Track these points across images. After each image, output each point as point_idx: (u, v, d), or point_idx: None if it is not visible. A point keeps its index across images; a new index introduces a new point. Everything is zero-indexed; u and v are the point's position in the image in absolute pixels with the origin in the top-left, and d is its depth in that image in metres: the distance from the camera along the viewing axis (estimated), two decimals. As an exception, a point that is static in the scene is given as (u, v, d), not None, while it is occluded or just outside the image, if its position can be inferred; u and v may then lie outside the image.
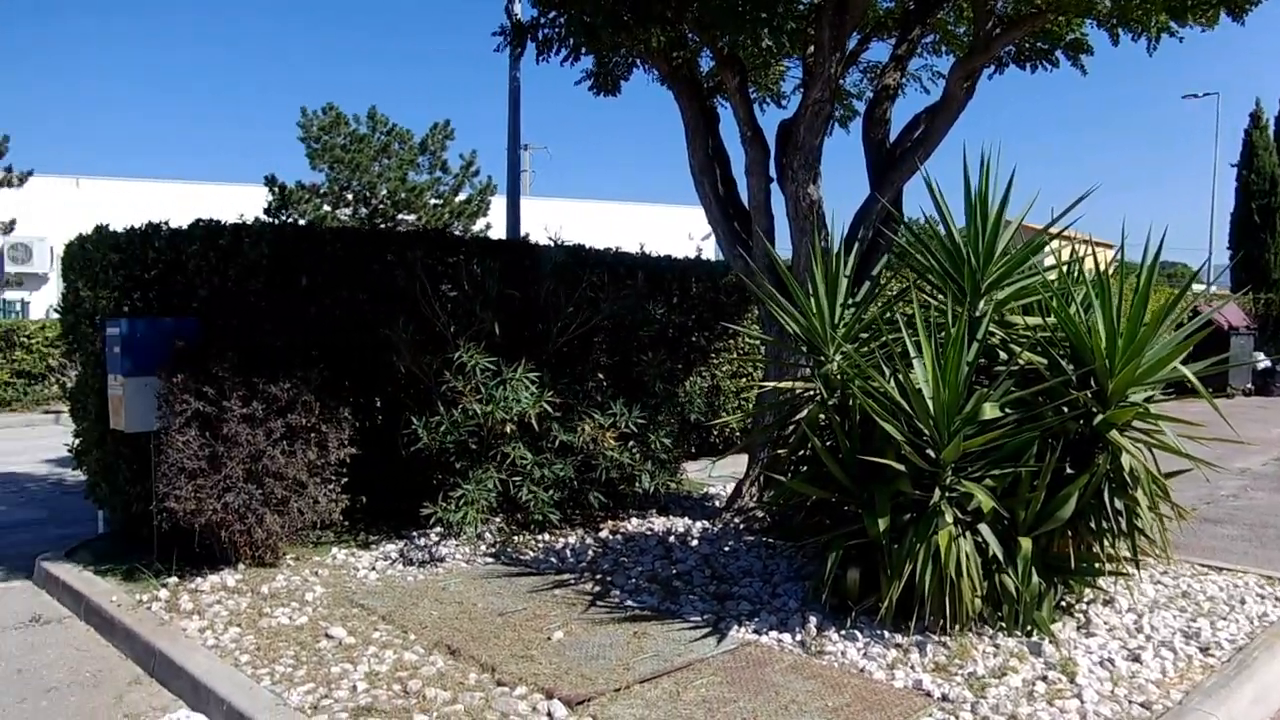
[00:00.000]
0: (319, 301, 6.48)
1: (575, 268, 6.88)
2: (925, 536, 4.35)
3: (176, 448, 5.37)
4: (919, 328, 4.50)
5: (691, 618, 4.93)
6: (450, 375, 6.02)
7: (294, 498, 5.65)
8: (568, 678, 4.13)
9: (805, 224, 6.24)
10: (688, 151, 6.92)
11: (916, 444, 4.43)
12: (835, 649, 4.45)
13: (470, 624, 4.84)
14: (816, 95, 6.12)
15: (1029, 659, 4.28)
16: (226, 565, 5.75)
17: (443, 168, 21.07)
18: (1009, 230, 5.07)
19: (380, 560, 6.02)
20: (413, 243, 6.91)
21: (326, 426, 5.76)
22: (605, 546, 6.29)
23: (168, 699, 4.36)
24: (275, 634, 4.74)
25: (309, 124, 19.65)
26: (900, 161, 6.68)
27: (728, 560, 5.95)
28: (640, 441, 6.44)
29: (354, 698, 3.97)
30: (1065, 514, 4.43)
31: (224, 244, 6.18)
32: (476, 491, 5.88)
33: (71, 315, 6.95)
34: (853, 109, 8.70)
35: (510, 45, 6.94)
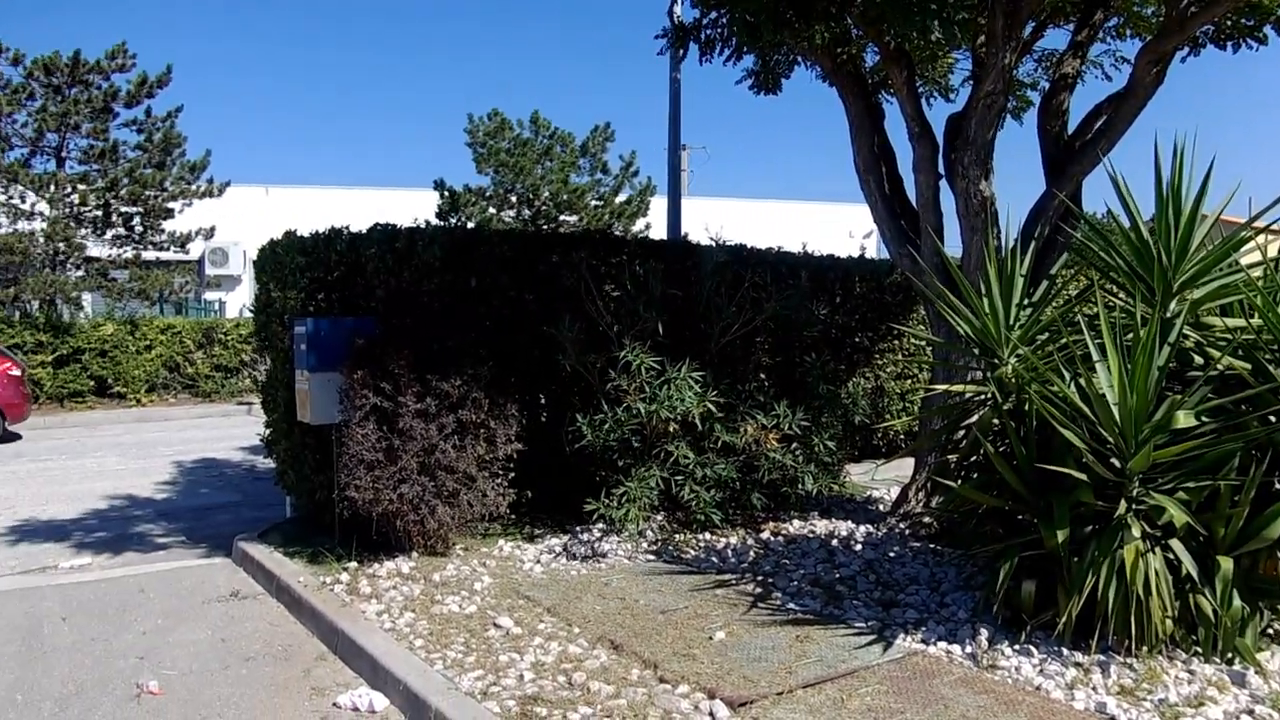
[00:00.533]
0: (488, 301, 6.70)
1: (737, 267, 6.85)
2: (1109, 550, 4.10)
3: (356, 440, 5.66)
4: (1103, 329, 4.25)
5: (856, 624, 4.82)
6: (615, 374, 6.11)
7: (464, 490, 5.86)
8: (730, 678, 4.11)
9: (976, 221, 6.00)
10: (852, 149, 6.78)
11: (1100, 452, 4.18)
12: (1008, 664, 4.26)
13: (632, 620, 4.90)
14: (989, 87, 5.87)
15: (1230, 689, 3.97)
16: (401, 553, 6.03)
17: (603, 169, 21.47)
18: (1205, 224, 4.72)
19: (545, 554, 6.17)
20: (577, 244, 7.06)
21: (495, 422, 5.95)
22: (766, 548, 6.24)
23: (349, 676, 4.61)
24: (446, 621, 4.93)
25: (475, 130, 20.41)
26: (1080, 154, 6.33)
27: (893, 566, 5.80)
28: (803, 443, 6.36)
29: (521, 686, 4.08)
30: (1273, 533, 4.08)
31: (399, 247, 6.48)
32: (639, 489, 5.94)
33: (263, 314, 7.44)
34: (1027, 100, 8.31)
35: (672, 47, 6.98)
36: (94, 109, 18.08)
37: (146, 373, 17.04)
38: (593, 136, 21.21)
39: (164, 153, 18.78)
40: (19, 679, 4.62)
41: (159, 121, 18.80)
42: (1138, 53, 6.22)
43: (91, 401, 16.64)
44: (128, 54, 18.26)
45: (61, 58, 17.58)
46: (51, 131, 17.93)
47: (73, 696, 4.42)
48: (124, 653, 4.95)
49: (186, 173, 19.03)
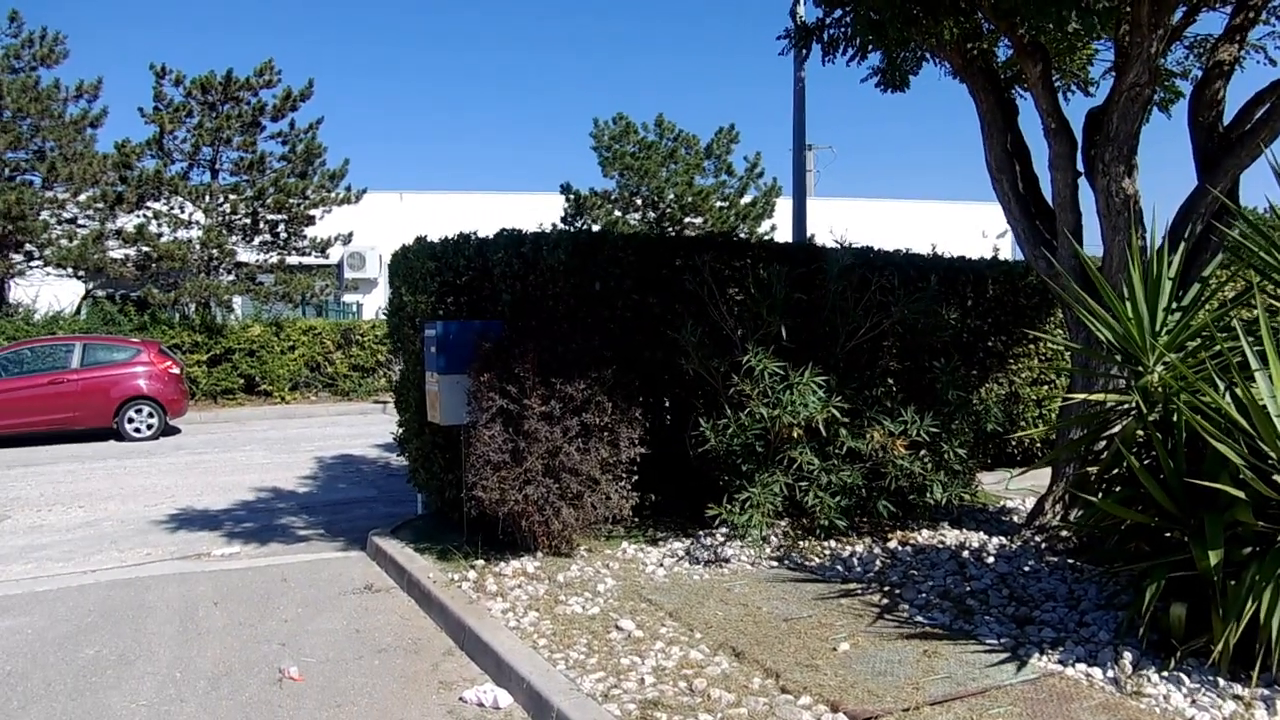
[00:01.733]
0: (611, 305, 6.76)
1: (863, 270, 6.70)
2: (1272, 575, 3.83)
3: (483, 441, 5.80)
4: (1264, 335, 3.97)
5: (987, 640, 4.65)
6: (738, 378, 6.07)
7: (588, 493, 5.92)
8: (853, 692, 4.02)
9: (1119, 220, 5.70)
10: (984, 147, 6.54)
11: (1260, 469, 3.91)
12: (1156, 691, 4.02)
13: (754, 627, 4.85)
14: (1133, 78, 5.56)
15: None
16: (526, 552, 6.14)
17: (728, 171, 21.41)
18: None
19: (668, 557, 6.18)
20: (700, 247, 7.04)
21: (618, 425, 5.99)
22: (893, 557, 6.08)
23: (475, 672, 4.72)
24: (569, 621, 4.99)
25: (600, 134, 20.65)
26: (1237, 146, 5.93)
27: (1028, 581, 5.56)
28: (932, 450, 6.17)
29: (642, 690, 4.09)
30: None
31: (525, 251, 6.61)
32: (762, 495, 5.89)
33: (396, 317, 7.70)
34: (1176, 90, 7.84)
35: (795, 47, 6.88)
36: (244, 123, 19.15)
37: (290, 372, 17.93)
38: (717, 138, 21.17)
39: (306, 163, 19.73)
40: (177, 657, 4.94)
41: (301, 133, 19.76)
42: (1303, 37, 5.79)
43: (241, 398, 17.63)
44: (274, 70, 19.25)
45: (216, 77, 18.69)
46: (206, 146, 19.08)
47: (223, 677, 4.68)
48: (268, 638, 5.22)
49: (326, 181, 19.93)
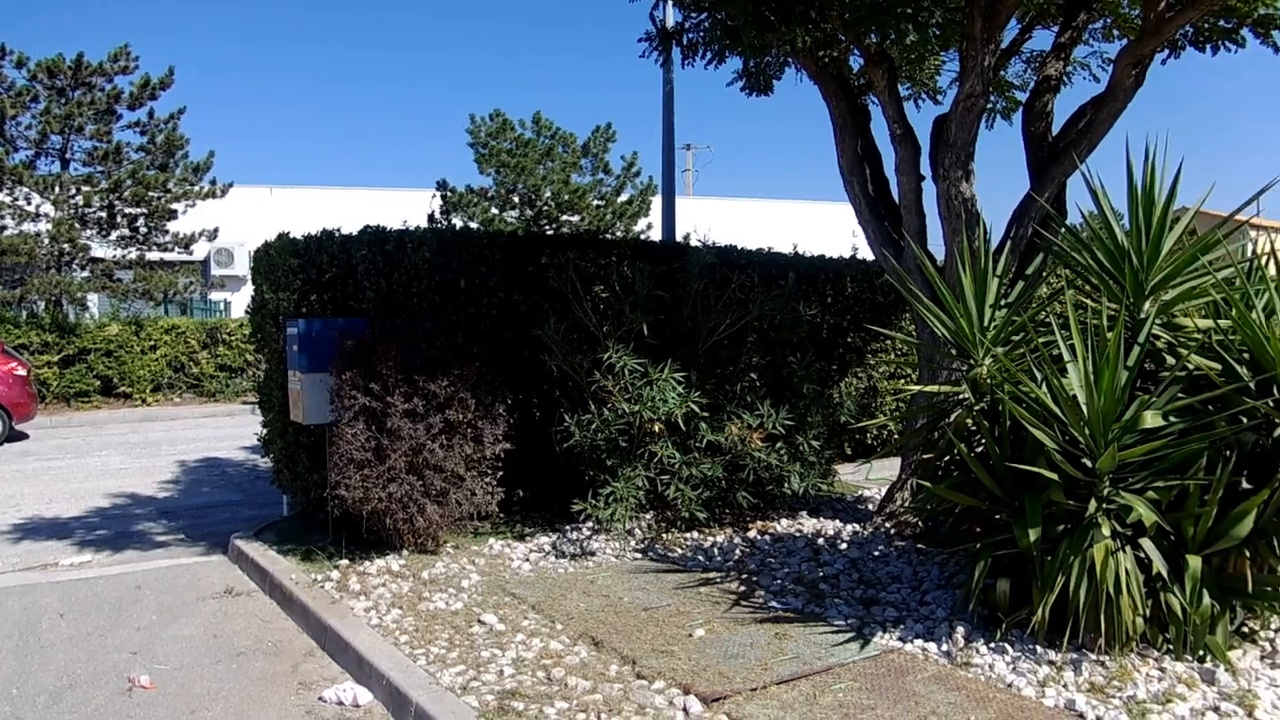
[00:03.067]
0: (477, 302, 6.78)
1: (725, 268, 6.92)
2: (1080, 549, 4.16)
3: (345, 440, 5.75)
4: (1073, 330, 4.31)
5: (835, 621, 4.89)
6: (600, 375, 6.19)
7: (452, 489, 5.94)
8: (705, 674, 4.18)
9: (957, 223, 6.06)
10: (836, 151, 6.84)
11: (1070, 452, 4.25)
12: (982, 661, 4.32)
13: (615, 617, 4.97)
14: (968, 89, 5.92)
15: (1200, 686, 4.02)
16: (391, 551, 6.12)
17: (605, 169, 21.55)
18: (1179, 226, 4.78)
19: (534, 552, 6.25)
20: (565, 245, 7.13)
21: (482, 422, 6.03)
22: (753, 546, 6.31)
23: (336, 671, 4.70)
24: (432, 617, 5.01)
25: (477, 130, 20.49)
26: (1062, 155, 6.38)
27: (876, 565, 5.86)
28: (788, 442, 6.43)
29: (501, 681, 4.16)
30: (1241, 532, 4.13)
31: (390, 249, 6.57)
32: (626, 489, 6.02)
33: (259, 315, 7.54)
34: (1015, 101, 8.34)
35: (656, 51, 7.04)
36: (97, 111, 18.22)
37: (151, 373, 17.18)
38: (594, 137, 21.28)
39: (167, 154, 18.93)
40: (15, 672, 4.73)
41: (162, 123, 18.94)
42: (1117, 55, 6.26)
43: (97, 401, 16.80)
44: (130, 56, 18.40)
45: (65, 60, 17.73)
46: (55, 134, 18.08)
47: (66, 690, 4.51)
48: (118, 648, 5.05)
49: (190, 174, 19.17)
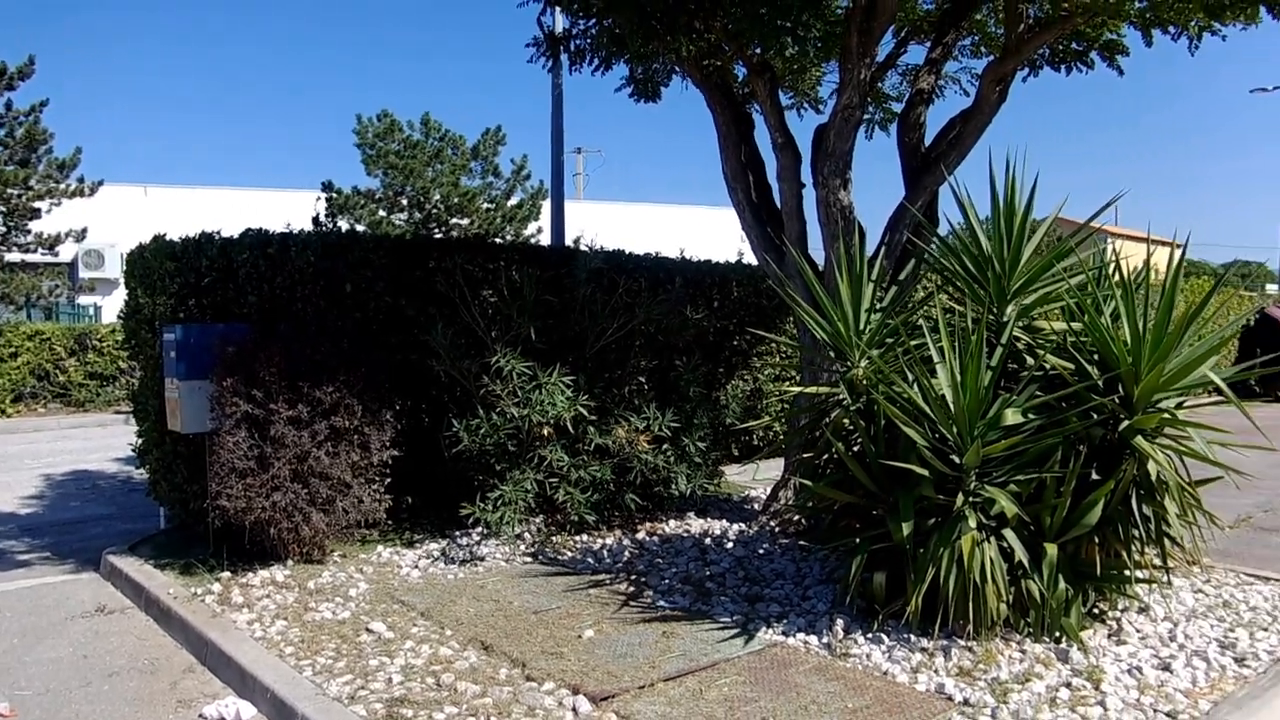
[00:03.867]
0: (363, 307, 6.69)
1: (612, 273, 7.00)
2: (949, 541, 4.38)
3: (227, 448, 5.60)
4: (942, 334, 4.54)
5: (721, 619, 5.01)
6: (489, 379, 6.19)
7: (339, 497, 5.85)
8: (594, 674, 4.25)
9: (836, 229, 6.28)
10: (721, 158, 7.00)
11: (940, 449, 4.47)
12: (860, 651, 4.51)
13: (505, 621, 4.99)
14: (846, 101, 6.16)
15: (1055, 665, 4.29)
16: (276, 561, 5.98)
17: (495, 172, 21.41)
18: (1038, 234, 5.08)
19: (423, 559, 6.20)
20: (453, 249, 7.10)
21: (369, 428, 5.96)
22: (641, 548, 6.40)
23: (218, 687, 4.58)
24: (319, 628, 4.93)
25: (364, 130, 20.11)
26: (933, 166, 6.69)
27: (761, 563, 6.02)
28: (675, 444, 6.55)
29: (389, 689, 4.13)
30: (1091, 520, 4.43)
31: (272, 252, 6.43)
32: (514, 492, 6.04)
33: (133, 321, 7.26)
34: (892, 113, 8.69)
35: (544, 56, 7.08)
36: (-51, 103, 17.18)
37: (12, 381, 16.28)
38: (484, 139, 21.13)
39: (28, 149, 17.94)
40: None
41: (22, 115, 17.93)
42: (983, 71, 6.62)
43: (-49, 413, 15.82)
44: (-13, 46, 17.40)
45: (-85, 50, 16.63)
46: (-97, 127, 16.97)
47: (-86, 721, 4.28)
48: (-27, 675, 4.80)
49: (54, 170, 18.23)
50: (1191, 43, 6.41)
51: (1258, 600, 5.33)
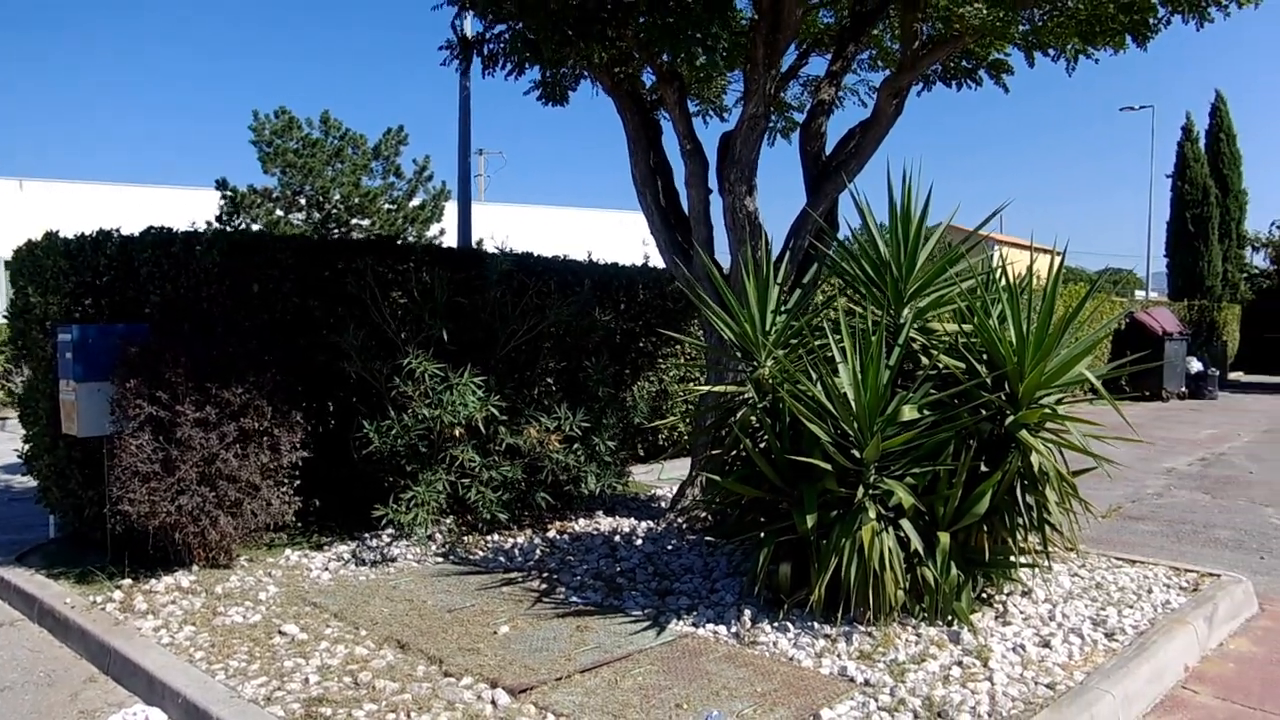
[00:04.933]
0: (271, 308, 6.61)
1: (522, 276, 7.08)
2: (850, 532, 4.62)
3: (130, 451, 5.48)
4: (844, 334, 4.78)
5: (633, 612, 5.15)
6: (400, 380, 6.20)
7: (247, 500, 5.78)
8: (512, 668, 4.33)
9: (742, 234, 6.50)
10: (630, 163, 7.16)
11: (842, 445, 4.71)
12: (767, 640, 4.70)
13: (420, 620, 5.03)
14: (752, 110, 6.39)
15: (948, 646, 4.57)
16: (181, 567, 5.87)
17: (396, 173, 21.09)
18: (932, 239, 5.38)
19: (333, 561, 6.16)
20: (362, 251, 7.07)
21: (279, 430, 5.90)
22: (553, 546, 6.50)
23: (123, 695, 4.49)
24: (229, 632, 4.88)
25: (261, 127, 19.58)
26: (834, 174, 6.98)
27: (670, 558, 6.19)
28: (585, 444, 6.67)
29: (306, 689, 4.14)
30: (981, 510, 4.73)
31: (176, 251, 6.29)
32: (426, 493, 6.06)
33: (20, 321, 7.00)
34: (794, 121, 8.99)
35: (457, 59, 7.12)
36: None
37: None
38: (385, 139, 20.80)
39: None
40: None
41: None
42: (880, 84, 6.94)
43: None
44: None
45: None
46: None
47: None
48: None
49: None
50: (1069, 64, 6.86)
51: (1125, 581, 5.76)
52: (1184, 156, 28.90)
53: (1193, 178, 28.52)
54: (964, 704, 3.93)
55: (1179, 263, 29.13)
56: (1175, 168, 29.27)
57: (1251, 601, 5.69)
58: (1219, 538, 7.54)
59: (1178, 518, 8.30)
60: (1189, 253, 28.57)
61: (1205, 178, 28.48)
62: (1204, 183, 28.42)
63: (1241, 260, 29.56)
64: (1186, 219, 28.59)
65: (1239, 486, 9.87)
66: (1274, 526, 7.94)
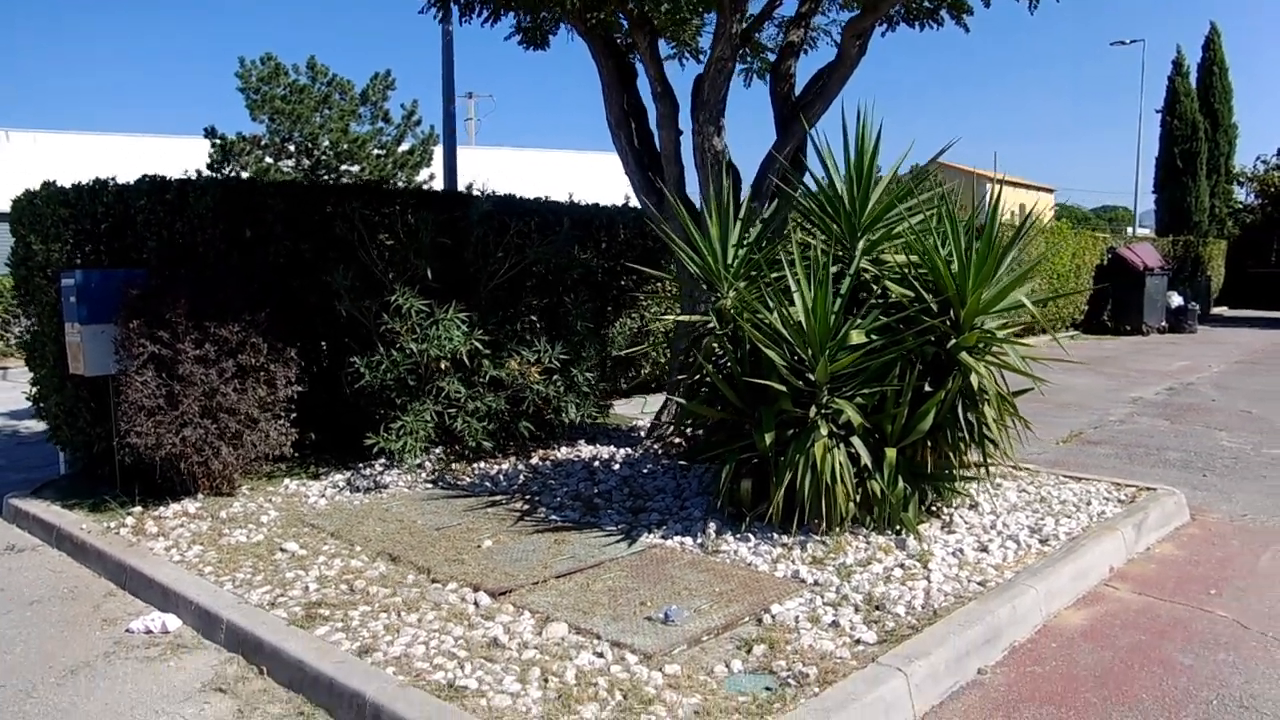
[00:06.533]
0: (264, 250, 6.92)
1: (504, 216, 7.38)
2: (804, 448, 5.01)
3: (135, 388, 5.84)
4: (798, 266, 5.12)
5: (608, 528, 5.57)
6: (388, 317, 6.55)
7: (247, 432, 6.16)
8: (493, 575, 4.76)
9: (711, 172, 6.81)
10: (605, 106, 7.43)
11: (797, 369, 5.08)
12: (729, 549, 5.12)
13: (410, 537, 5.44)
14: (719, 53, 6.65)
15: (894, 552, 4.99)
16: (187, 495, 6.27)
17: (385, 118, 21.19)
18: (887, 177, 5.70)
19: (330, 488, 6.57)
20: (350, 195, 7.36)
21: (275, 366, 6.26)
22: (535, 472, 6.91)
23: (141, 606, 4.90)
24: (235, 550, 5.30)
25: (247, 74, 19.65)
26: (802, 114, 7.25)
27: (645, 481, 6.60)
28: (564, 375, 7.04)
29: (306, 595, 4.56)
30: (925, 427, 5.11)
31: (170, 199, 6.59)
32: (415, 422, 6.45)
33: (23, 268, 7.30)
34: (769, 63, 9.20)
35: (434, 6, 7.34)
36: None
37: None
38: (373, 84, 20.87)
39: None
40: None
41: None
42: (844, 26, 7.17)
43: None
44: None
45: None
46: None
47: None
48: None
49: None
50: (1031, 3, 7.07)
51: (1068, 495, 6.18)
52: (1174, 91, 28.95)
53: (1182, 113, 28.61)
54: (901, 599, 4.36)
55: (1167, 198, 29.34)
56: (1165, 103, 29.34)
57: (1183, 512, 6.12)
58: (1169, 459, 7.97)
59: (1135, 442, 8.72)
60: (1177, 188, 28.77)
61: (1195, 112, 28.57)
62: (1193, 118, 28.51)
63: (1229, 195, 29.77)
64: (1175, 155, 28.74)
65: (1199, 413, 10.29)
66: (1223, 448, 8.37)
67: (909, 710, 3.56)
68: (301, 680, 3.84)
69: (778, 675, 3.66)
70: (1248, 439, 8.76)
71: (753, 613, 4.25)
